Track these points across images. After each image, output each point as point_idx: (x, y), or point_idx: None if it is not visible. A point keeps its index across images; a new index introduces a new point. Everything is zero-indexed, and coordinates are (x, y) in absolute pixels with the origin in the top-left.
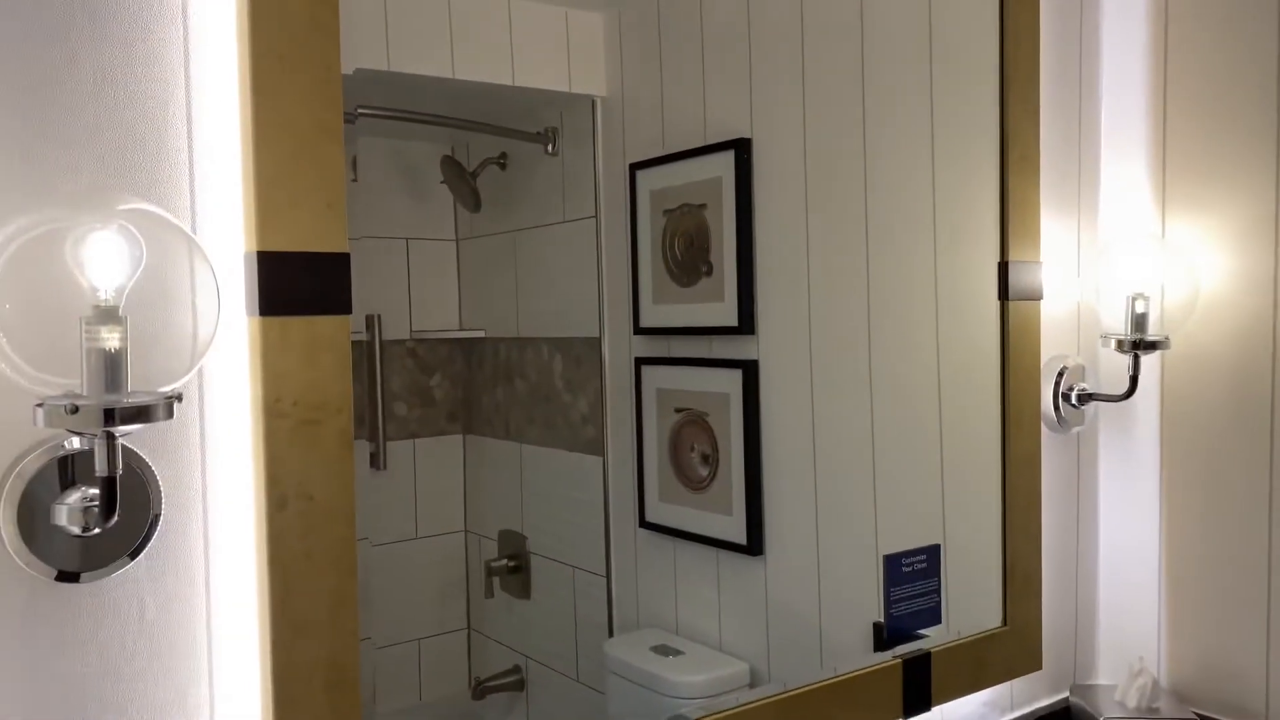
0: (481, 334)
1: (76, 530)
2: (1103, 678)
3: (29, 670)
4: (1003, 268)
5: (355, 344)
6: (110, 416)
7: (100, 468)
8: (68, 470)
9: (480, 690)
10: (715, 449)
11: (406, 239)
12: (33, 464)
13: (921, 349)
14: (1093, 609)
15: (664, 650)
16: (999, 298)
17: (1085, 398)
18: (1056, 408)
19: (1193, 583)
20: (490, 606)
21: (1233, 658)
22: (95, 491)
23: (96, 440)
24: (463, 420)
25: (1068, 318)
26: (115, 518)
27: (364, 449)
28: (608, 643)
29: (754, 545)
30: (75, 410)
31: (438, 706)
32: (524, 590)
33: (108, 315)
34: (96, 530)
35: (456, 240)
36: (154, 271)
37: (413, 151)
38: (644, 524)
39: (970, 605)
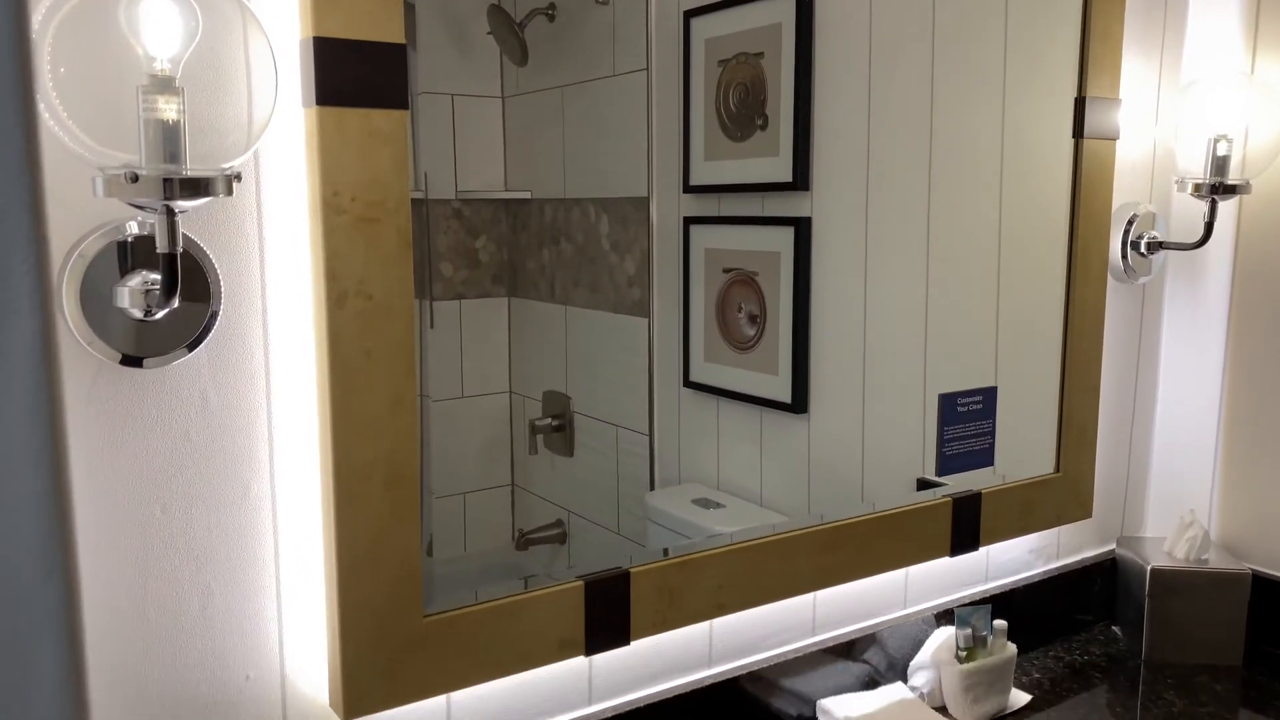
0: (527, 195)
1: (138, 313)
2: (1151, 531)
3: (96, 452)
4: (1079, 104)
5: None
6: (169, 187)
7: (161, 244)
8: (127, 256)
9: (523, 542)
10: (763, 309)
11: (452, 95)
12: (93, 245)
13: (985, 193)
14: (1145, 463)
15: (705, 503)
16: (1073, 135)
17: (1155, 246)
18: (1124, 256)
19: (1253, 439)
20: (534, 463)
21: None
22: (156, 276)
23: (156, 216)
24: (508, 283)
25: (1142, 161)
26: (176, 299)
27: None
28: (649, 496)
29: (798, 403)
30: (135, 179)
31: (483, 557)
32: (567, 448)
33: (164, 85)
34: (158, 314)
35: (503, 97)
36: (209, 49)
37: (459, 1)
38: (688, 383)
39: (1022, 452)
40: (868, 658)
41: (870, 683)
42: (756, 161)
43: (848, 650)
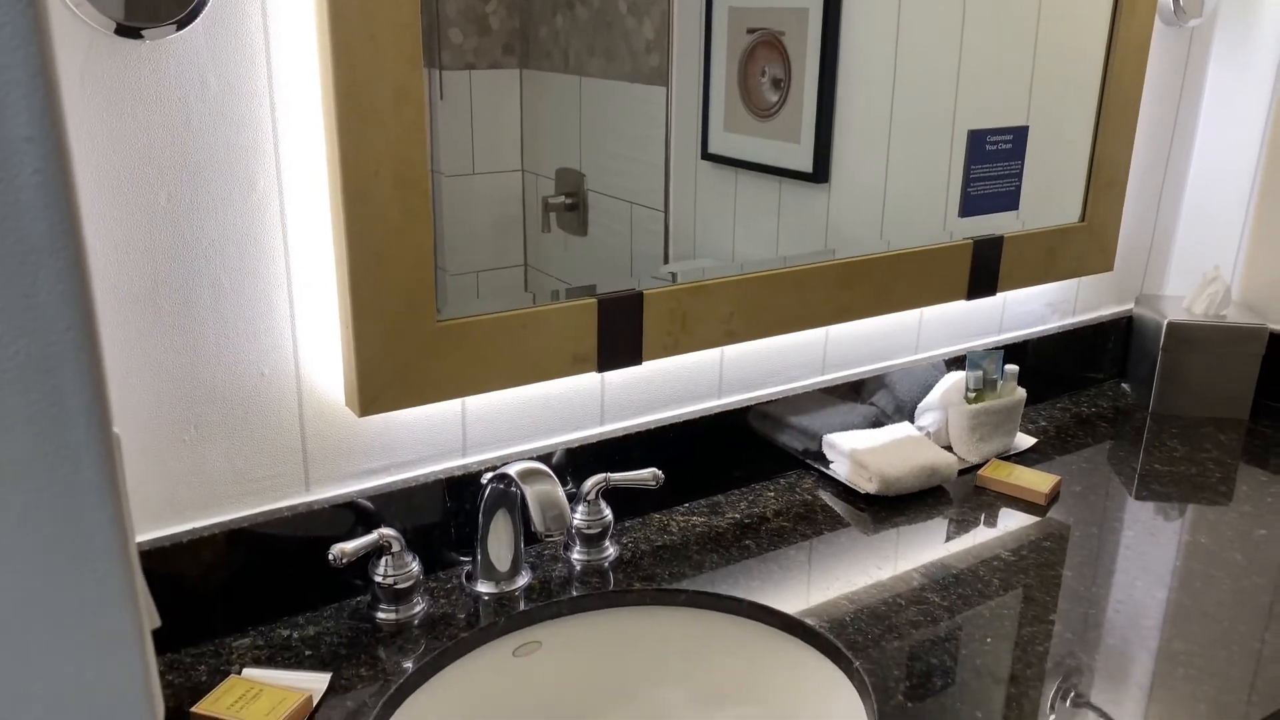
0: None
1: None
2: (1170, 290)
3: (94, 132)
4: None
5: None
6: None
7: None
8: None
9: None
10: (788, 72)
11: None
12: None
13: None
14: (1173, 220)
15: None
16: None
17: None
18: None
19: None
20: (546, 242)
21: None
22: None
23: None
24: (519, 53)
25: None
26: None
27: None
28: (661, 269)
29: (819, 172)
30: None
31: None
32: (580, 227)
33: None
34: None
35: None
36: None
37: None
38: (706, 155)
39: (1048, 198)
40: (875, 400)
41: (876, 423)
42: None
43: (856, 391)
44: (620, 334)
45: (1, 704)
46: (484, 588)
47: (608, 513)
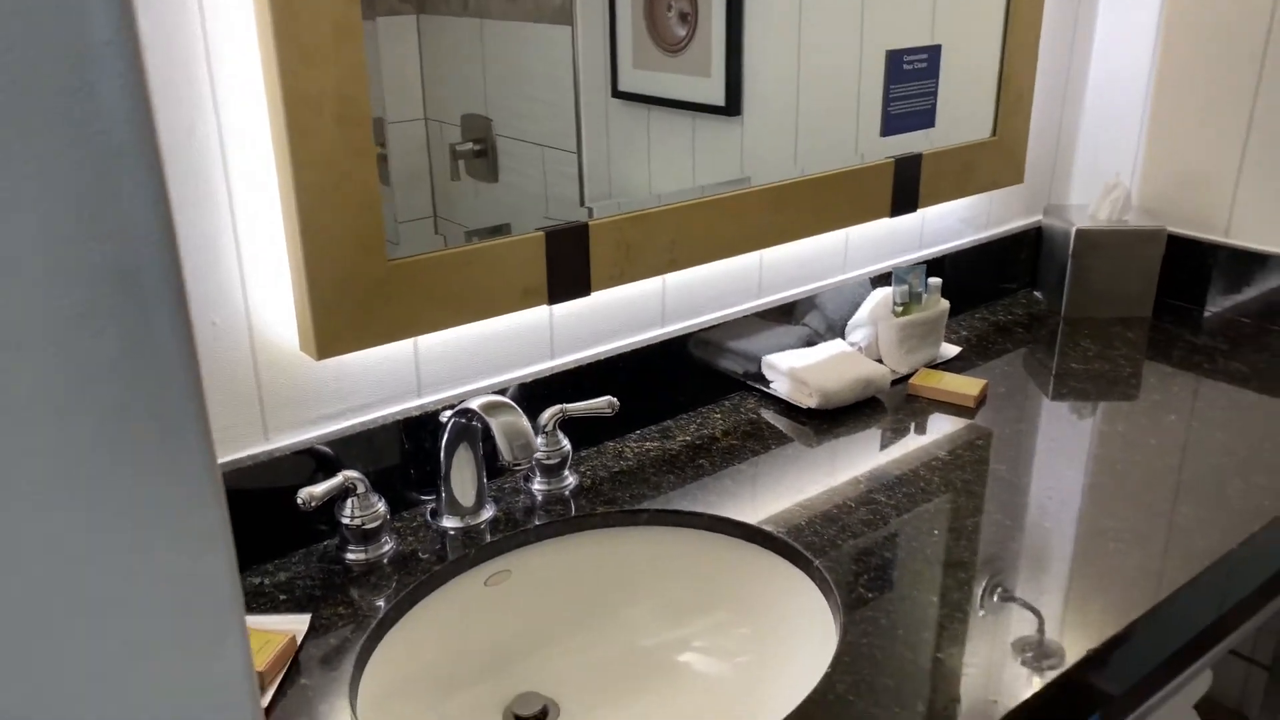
0: None
1: None
2: (1075, 199)
3: None
4: None
5: None
6: None
7: None
8: None
9: None
10: (694, 5)
11: None
12: None
13: None
14: (1075, 131)
15: None
16: None
17: None
18: None
19: (1177, 105)
20: (456, 191)
21: (1205, 179)
22: None
23: None
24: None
25: None
26: None
27: None
28: (578, 213)
29: (732, 105)
30: None
31: None
32: (491, 173)
33: None
34: None
35: None
36: None
37: None
38: (616, 94)
39: (961, 115)
40: (808, 320)
41: (810, 343)
42: None
43: (789, 313)
44: (568, 266)
45: (111, 583)
46: (450, 523)
47: (566, 443)
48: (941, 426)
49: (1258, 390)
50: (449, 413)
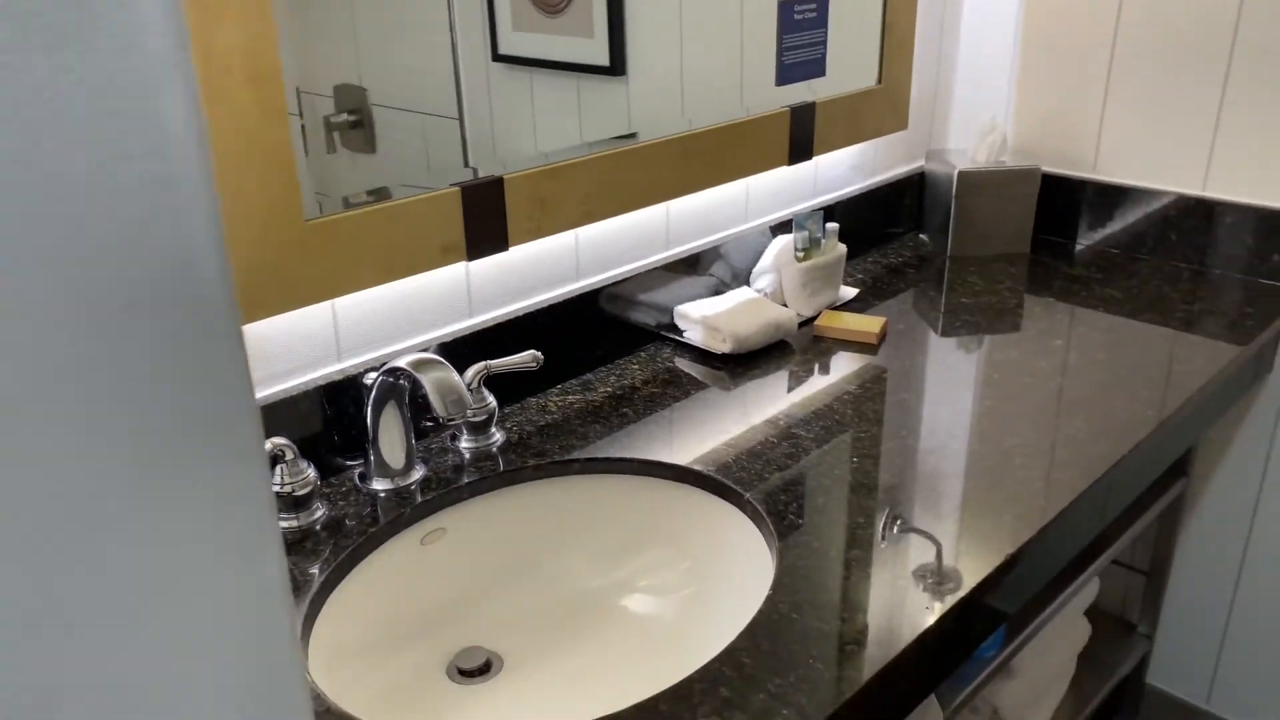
0: None
1: None
2: (954, 143)
3: None
4: None
5: None
6: None
7: None
8: None
9: None
10: None
11: None
12: None
13: None
14: (951, 77)
15: None
16: None
17: None
18: None
19: (1044, 50)
20: (332, 164)
21: (1073, 119)
22: None
23: None
24: None
25: None
26: None
27: None
28: (491, 168)
29: (616, 65)
30: None
31: None
32: (368, 144)
33: None
34: None
35: None
36: None
37: None
38: (497, 57)
39: (848, 64)
40: (714, 270)
41: (717, 292)
42: None
43: (697, 263)
44: (485, 221)
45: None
46: (380, 485)
47: (491, 399)
48: (848, 363)
49: (1130, 313)
50: (374, 374)
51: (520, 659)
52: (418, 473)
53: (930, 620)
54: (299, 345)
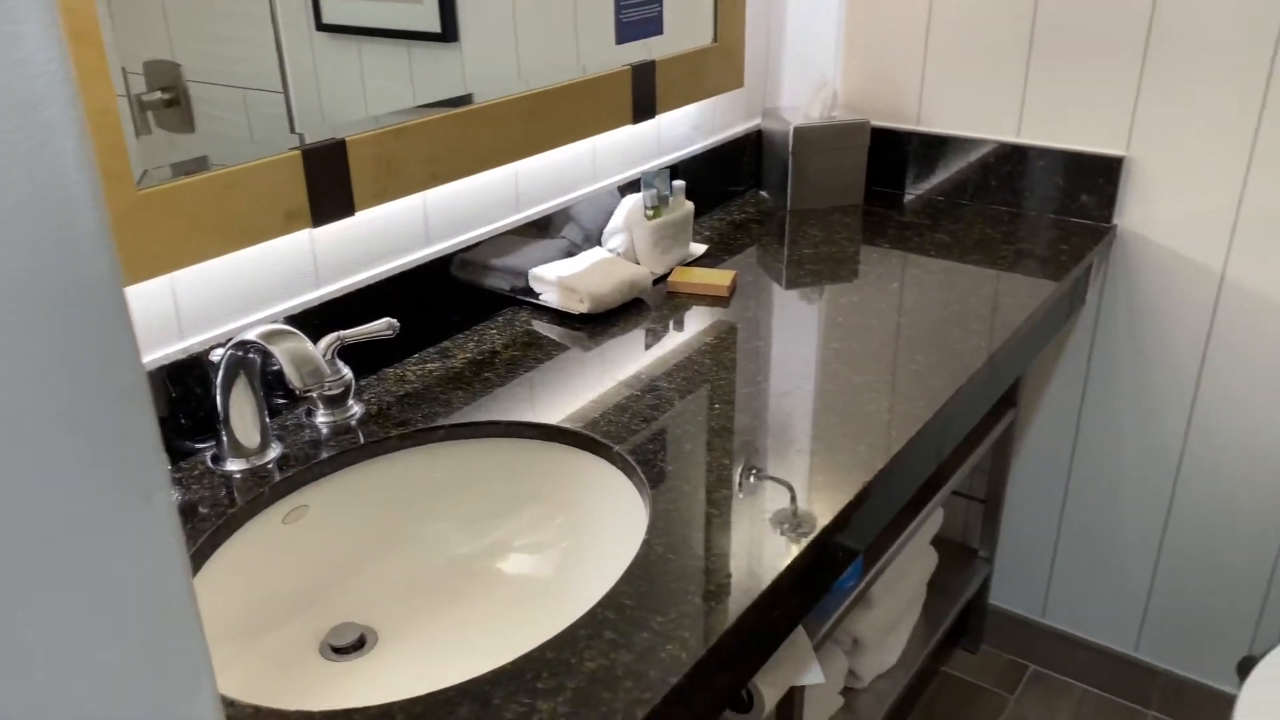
0: None
1: None
2: (788, 101)
3: None
4: None
5: None
6: None
7: None
8: None
9: None
10: None
11: None
12: None
13: None
14: (782, 35)
15: None
16: None
17: None
18: None
19: (869, 9)
20: (149, 146)
21: (897, 74)
22: None
23: None
24: None
25: None
26: None
27: None
28: (320, 134)
29: (448, 31)
30: None
31: None
32: (185, 124)
33: None
34: None
35: None
36: None
37: None
38: (321, 26)
39: (685, 22)
40: (566, 232)
41: (570, 254)
42: None
43: (548, 226)
44: (329, 185)
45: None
46: (234, 466)
47: (347, 371)
48: (702, 316)
49: (959, 256)
50: (221, 349)
51: (396, 632)
52: (274, 451)
53: (796, 551)
54: (136, 323)
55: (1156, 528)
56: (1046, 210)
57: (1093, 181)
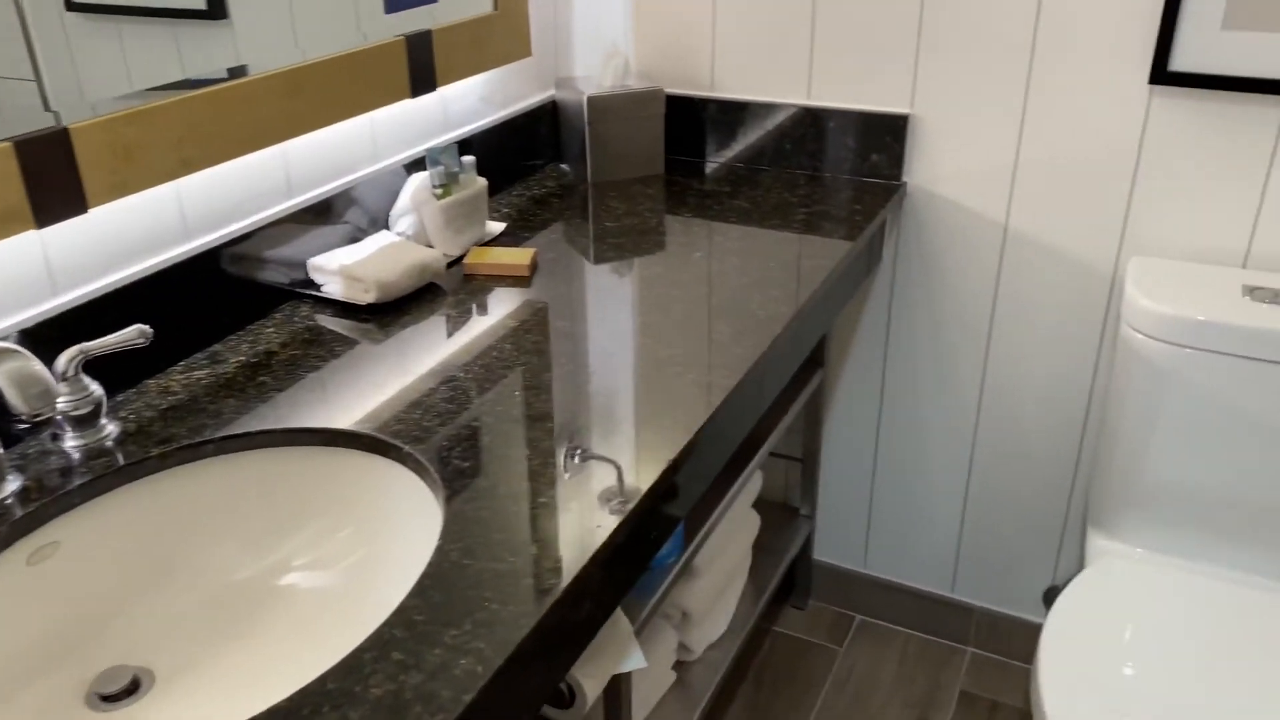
0: None
1: None
2: (581, 70)
3: None
4: None
5: None
6: None
7: None
8: None
9: None
10: None
11: None
12: None
13: None
14: (570, 4)
15: None
16: None
17: None
18: None
19: None
20: None
21: (688, 40)
22: None
23: None
24: None
25: None
26: None
27: None
28: (43, 119)
29: (216, 8)
30: None
31: None
32: None
33: None
34: None
35: None
36: None
37: None
38: (72, 7)
39: None
40: (348, 217)
41: (354, 240)
42: None
43: (327, 211)
44: (52, 179)
45: None
46: None
47: (94, 387)
48: (502, 299)
49: (759, 222)
50: None
51: (173, 671)
52: (12, 484)
53: (601, 538)
54: None
55: (962, 474)
56: (841, 172)
57: (881, 140)
